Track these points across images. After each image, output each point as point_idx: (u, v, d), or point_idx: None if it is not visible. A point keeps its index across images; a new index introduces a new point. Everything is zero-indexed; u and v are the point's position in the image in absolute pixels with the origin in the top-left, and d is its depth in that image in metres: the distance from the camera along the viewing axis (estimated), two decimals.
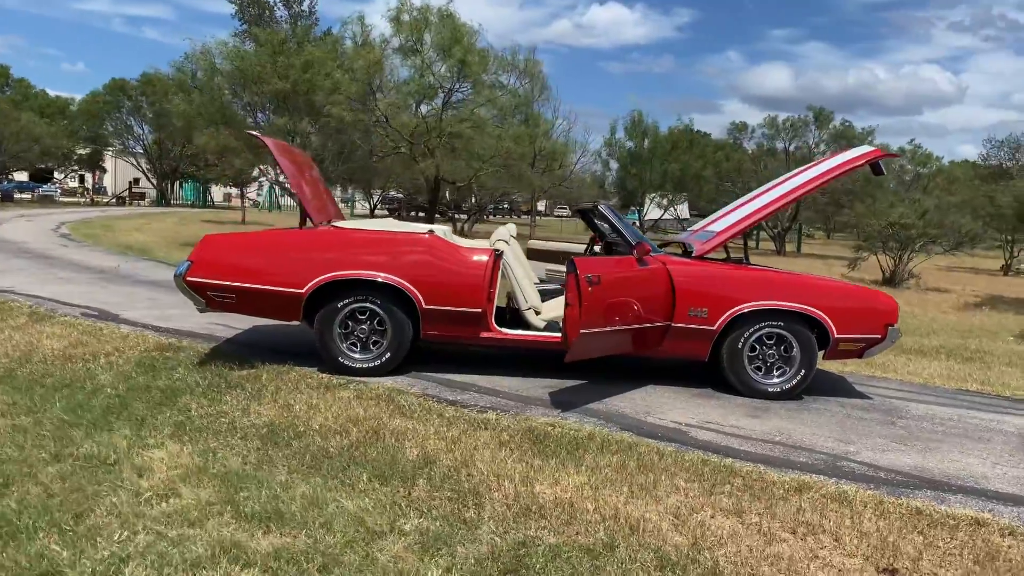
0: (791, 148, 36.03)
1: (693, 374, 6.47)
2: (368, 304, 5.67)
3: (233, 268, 5.62)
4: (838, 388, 6.50)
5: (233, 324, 7.55)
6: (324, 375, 5.63)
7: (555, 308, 6.05)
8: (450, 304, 5.65)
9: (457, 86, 17.24)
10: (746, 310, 5.75)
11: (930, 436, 5.24)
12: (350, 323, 5.71)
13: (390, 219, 8.79)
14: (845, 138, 34.37)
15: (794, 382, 5.90)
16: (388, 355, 5.74)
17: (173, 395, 5.06)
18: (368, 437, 4.42)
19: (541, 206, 66.85)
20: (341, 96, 16.53)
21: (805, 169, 6.56)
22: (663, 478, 4.05)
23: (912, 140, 34.00)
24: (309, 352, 6.11)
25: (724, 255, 6.41)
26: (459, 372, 6.04)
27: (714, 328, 5.77)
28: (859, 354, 6.09)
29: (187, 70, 19.83)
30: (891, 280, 16.84)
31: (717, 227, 6.34)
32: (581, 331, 5.04)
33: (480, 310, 5.67)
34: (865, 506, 3.85)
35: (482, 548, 3.25)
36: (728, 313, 5.75)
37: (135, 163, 53.70)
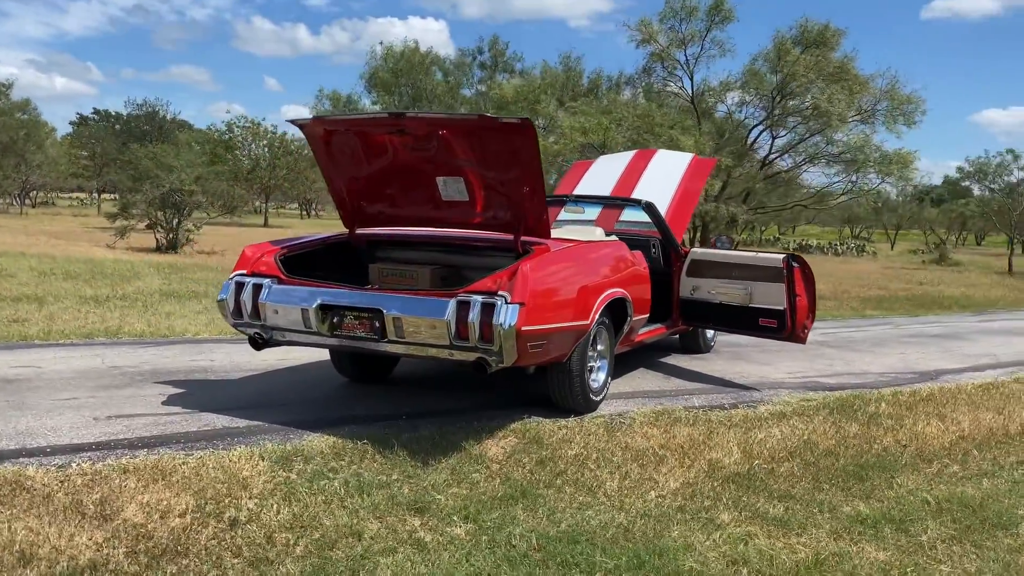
0: None
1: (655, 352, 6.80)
2: (599, 327, 4.51)
3: (554, 303, 3.86)
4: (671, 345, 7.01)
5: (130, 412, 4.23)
6: (572, 421, 4.34)
7: None
8: (642, 312, 4.98)
9: None
10: None
11: (851, 350, 7.54)
12: None
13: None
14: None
15: None
16: (610, 381, 4.73)
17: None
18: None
19: None
20: None
21: (635, 169, 6.90)
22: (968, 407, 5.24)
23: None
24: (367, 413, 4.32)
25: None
26: None
27: None
28: None
29: None
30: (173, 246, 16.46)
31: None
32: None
33: (649, 314, 5.14)
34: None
35: None
36: None
37: None
